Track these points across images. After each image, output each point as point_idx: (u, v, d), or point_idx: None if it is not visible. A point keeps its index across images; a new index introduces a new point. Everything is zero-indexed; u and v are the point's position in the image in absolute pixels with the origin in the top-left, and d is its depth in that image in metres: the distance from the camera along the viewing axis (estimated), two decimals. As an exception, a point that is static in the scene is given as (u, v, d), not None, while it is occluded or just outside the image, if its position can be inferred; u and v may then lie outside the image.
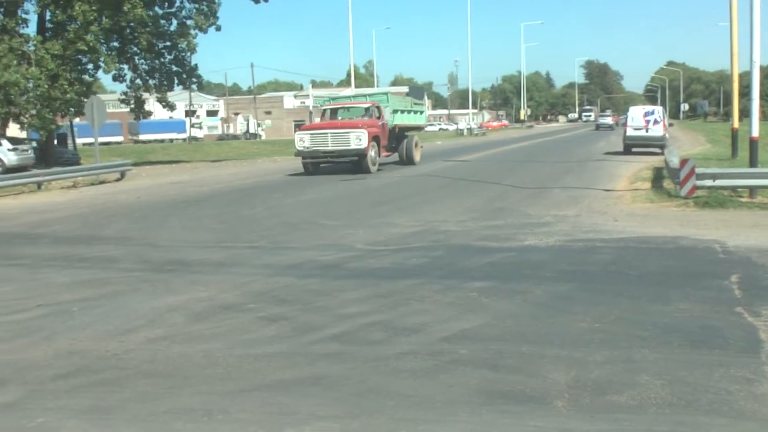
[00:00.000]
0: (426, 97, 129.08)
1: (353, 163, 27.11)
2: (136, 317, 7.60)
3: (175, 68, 38.91)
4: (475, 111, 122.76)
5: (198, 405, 5.15)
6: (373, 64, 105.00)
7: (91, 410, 5.14)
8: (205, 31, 37.49)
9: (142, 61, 38.09)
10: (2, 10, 35.39)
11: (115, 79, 37.97)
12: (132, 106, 39.06)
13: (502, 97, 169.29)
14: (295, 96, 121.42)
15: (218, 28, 38.10)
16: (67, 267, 10.80)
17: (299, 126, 41.15)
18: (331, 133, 26.90)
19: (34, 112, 34.09)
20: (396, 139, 31.03)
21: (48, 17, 36.33)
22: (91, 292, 8.93)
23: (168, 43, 38.08)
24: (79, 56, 35.36)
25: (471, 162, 33.32)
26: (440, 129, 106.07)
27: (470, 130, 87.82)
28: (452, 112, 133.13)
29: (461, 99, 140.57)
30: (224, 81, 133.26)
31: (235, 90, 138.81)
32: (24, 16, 36.45)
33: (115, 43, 36.94)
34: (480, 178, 23.94)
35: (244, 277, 9.43)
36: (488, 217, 14.47)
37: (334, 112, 30.40)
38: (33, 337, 7.00)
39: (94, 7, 32.87)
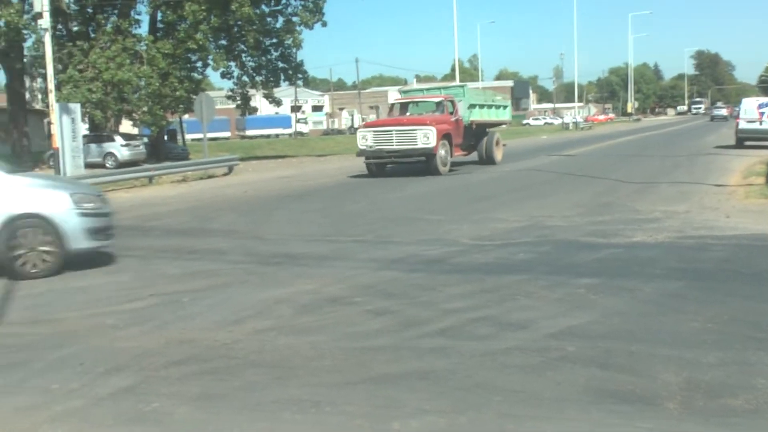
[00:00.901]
0: (531, 91, 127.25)
1: (421, 164, 24.67)
2: (244, 308, 7.74)
3: (281, 65, 39.56)
4: (581, 104, 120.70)
5: (305, 396, 5.20)
6: (477, 58, 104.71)
7: (201, 397, 5.26)
8: (310, 28, 37.96)
9: (249, 58, 38.85)
10: (116, 11, 36.64)
11: (223, 76, 38.86)
12: (239, 102, 39.90)
13: (608, 90, 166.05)
14: (400, 91, 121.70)
15: (324, 24, 38.51)
16: (177, 258, 11.10)
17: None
18: (395, 130, 24.38)
19: (145, 109, 35.24)
20: (474, 136, 28.53)
21: (159, 18, 37.45)
22: (200, 283, 9.16)
23: (274, 40, 38.74)
24: (189, 55, 36.36)
25: (577, 156, 32.76)
26: (545, 123, 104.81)
27: (576, 124, 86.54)
28: (557, 105, 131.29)
29: (567, 92, 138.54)
30: (329, 76, 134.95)
31: (339, 85, 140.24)
32: (136, 17, 37.78)
33: (223, 41, 37.81)
34: (586, 172, 23.51)
35: (349, 271, 9.50)
36: (595, 213, 14.21)
37: (403, 107, 28.04)
38: (146, 326, 7.22)
39: (203, 7, 33.70)
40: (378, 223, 14.04)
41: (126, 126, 41.88)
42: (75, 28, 37.15)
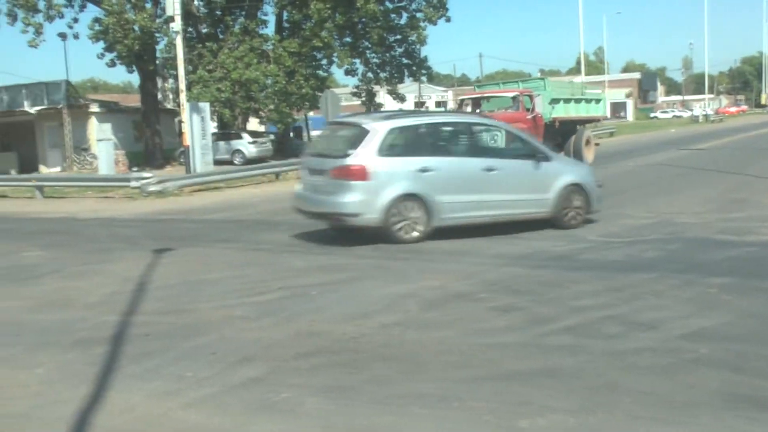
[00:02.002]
0: (658, 83, 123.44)
1: None
2: (371, 302, 7.82)
3: (405, 61, 39.69)
4: (711, 96, 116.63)
5: (433, 391, 5.21)
6: (603, 50, 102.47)
7: (330, 389, 5.33)
8: (434, 23, 37.93)
9: (374, 54, 39.13)
10: (244, 13, 37.61)
11: (347, 73, 39.29)
12: (363, 98, 40.25)
13: (740, 81, 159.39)
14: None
15: (448, 20, 38.38)
16: (305, 252, 11.31)
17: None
18: None
19: (272, 106, 36.07)
20: (559, 134, 25.83)
21: (285, 17, 38.20)
22: (327, 277, 9.30)
23: (398, 37, 38.88)
24: (314, 53, 36.94)
25: (707, 150, 31.66)
26: (674, 116, 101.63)
27: (705, 116, 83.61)
28: (686, 98, 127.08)
29: (696, 84, 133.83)
30: (453, 72, 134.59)
31: (463, 81, 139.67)
32: (263, 17, 38.66)
33: (348, 39, 38.21)
34: (718, 167, 22.72)
35: (475, 267, 9.47)
36: (727, 209, 13.72)
37: (475, 103, 25.77)
38: (276, 318, 7.38)
39: (328, 5, 34.15)
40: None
41: (253, 123, 42.94)
42: (204, 30, 38.31)
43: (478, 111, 24.31)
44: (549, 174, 12.35)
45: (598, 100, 29.37)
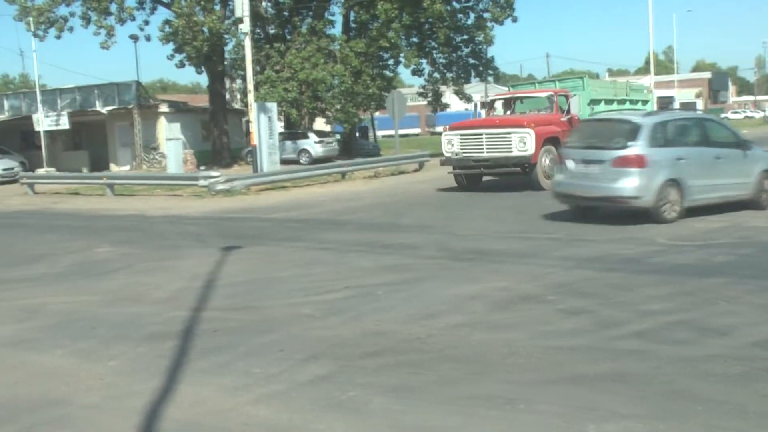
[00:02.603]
0: (730, 83, 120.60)
1: (521, 176, 20.24)
2: (437, 303, 7.81)
3: (471, 61, 39.55)
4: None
5: (500, 393, 5.18)
6: (672, 49, 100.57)
7: (396, 389, 5.34)
8: (501, 24, 37.73)
9: (440, 55, 39.06)
10: (311, 13, 37.89)
11: (414, 73, 39.27)
12: (430, 99, 40.19)
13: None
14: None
15: (514, 20, 38.08)
16: (370, 252, 11.34)
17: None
18: (486, 133, 20.07)
19: (338, 106, 36.24)
20: None
21: (352, 18, 38.33)
22: (394, 277, 9.32)
23: (465, 37, 38.75)
24: (381, 53, 36.99)
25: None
26: (745, 117, 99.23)
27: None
28: (759, 98, 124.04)
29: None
30: (519, 72, 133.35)
31: (530, 81, 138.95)
32: (330, 18, 38.84)
33: (415, 39, 38.19)
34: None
35: (542, 269, 9.38)
36: (804, 214, 13.37)
37: (507, 104, 23.88)
38: (342, 317, 7.42)
39: (395, 6, 34.18)
40: (571, 220, 13.77)
41: (319, 123, 43.22)
42: (272, 31, 38.69)
43: (508, 112, 23.03)
44: (750, 161, 13.95)
45: (645, 101, 27.31)
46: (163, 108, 41.21)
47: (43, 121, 38.02)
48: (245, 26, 27.21)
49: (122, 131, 40.87)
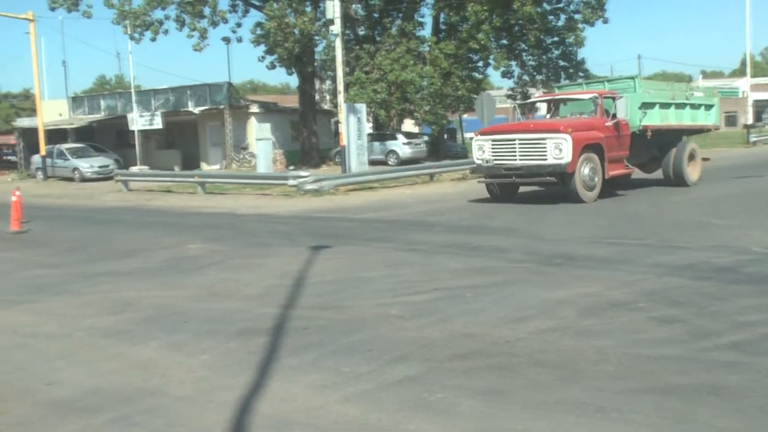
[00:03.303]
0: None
1: (558, 186, 18.58)
2: (526, 307, 7.74)
3: (562, 63, 39.11)
4: None
5: (590, 400, 5.11)
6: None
7: (485, 392, 5.32)
8: (592, 25, 37.22)
9: (530, 57, 38.76)
10: (401, 15, 38.02)
11: (503, 75, 39.08)
12: (519, 101, 39.96)
13: None
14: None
15: (605, 21, 37.51)
16: (458, 254, 11.31)
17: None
18: (519, 139, 18.33)
19: (427, 108, 36.29)
20: (656, 146, 21.21)
21: (442, 19, 38.35)
22: (482, 280, 9.27)
23: (555, 38, 38.37)
24: (470, 55, 36.95)
25: None
26: None
27: None
28: None
29: None
30: (610, 73, 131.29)
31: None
32: (420, 19, 38.95)
33: (504, 41, 38.02)
34: None
35: (632, 275, 9.20)
36: None
37: (551, 106, 21.71)
38: (430, 318, 7.42)
39: (485, 7, 34.06)
40: (661, 226, 13.49)
41: (408, 125, 43.33)
42: (362, 33, 39.00)
43: (547, 116, 21.31)
44: None
45: (709, 106, 23.60)
46: (254, 108, 41.93)
47: (138, 121, 39.15)
48: (336, 28, 27.52)
49: (213, 131, 41.73)
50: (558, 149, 17.42)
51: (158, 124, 39.56)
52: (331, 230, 14.93)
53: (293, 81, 64.22)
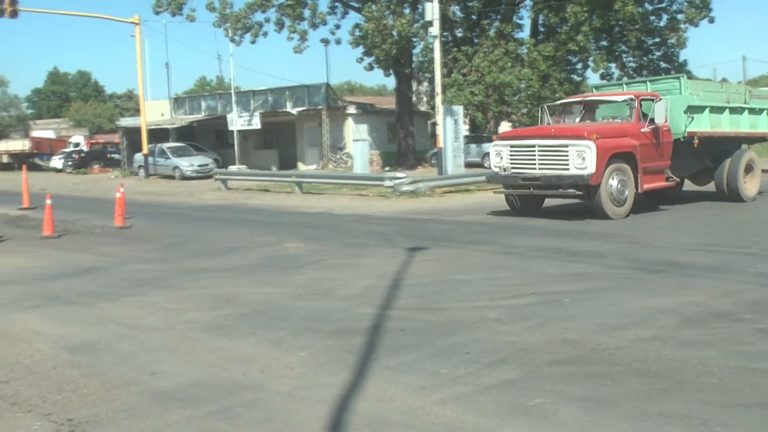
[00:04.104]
0: None
1: (582, 199, 16.68)
2: (625, 314, 7.60)
3: (663, 65, 38.18)
4: None
5: (693, 413, 4.97)
6: None
7: (584, 399, 5.24)
8: (696, 25, 36.10)
9: (630, 58, 37.98)
10: (499, 17, 37.80)
11: (602, 77, 38.30)
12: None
13: None
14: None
15: (711, 21, 36.19)
16: (556, 259, 11.19)
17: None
18: (539, 145, 16.46)
19: (525, 110, 36.00)
20: (707, 155, 18.89)
21: (540, 21, 37.96)
22: (580, 285, 9.15)
23: (657, 39, 37.49)
24: (569, 57, 36.48)
25: None
26: None
27: None
28: None
29: None
30: (713, 76, 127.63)
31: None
32: (518, 21, 38.62)
33: (604, 42, 37.37)
34: None
35: (736, 285, 8.94)
36: None
37: (586, 108, 19.01)
38: (528, 322, 7.36)
39: (585, 8, 33.56)
40: (765, 235, 13.07)
41: (505, 127, 43.03)
42: (460, 35, 38.94)
43: (577, 120, 18.71)
44: None
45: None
46: (351, 109, 42.27)
47: (237, 121, 39.93)
48: (435, 29, 27.54)
49: (311, 131, 42.24)
50: (581, 158, 15.47)
51: (256, 124, 40.26)
52: (428, 232, 14.94)
53: (390, 82, 64.58)
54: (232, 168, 36.75)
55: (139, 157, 41.87)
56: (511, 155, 16.74)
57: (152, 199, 27.02)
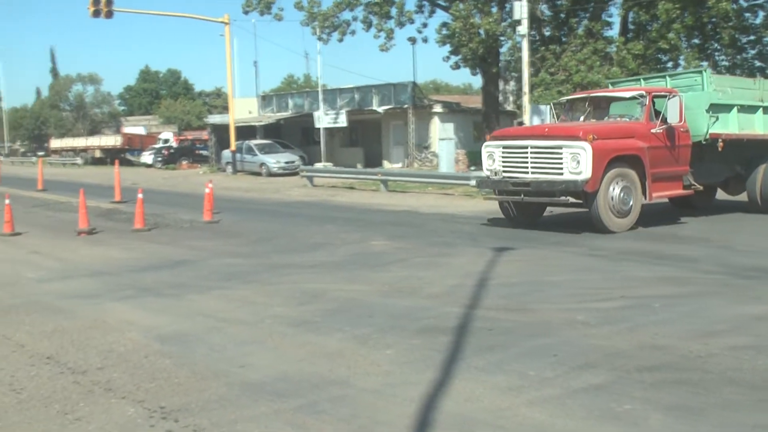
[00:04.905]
0: None
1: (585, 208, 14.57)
2: (718, 321, 7.42)
3: (758, 64, 37.00)
4: None
5: (792, 425, 4.83)
6: None
7: (675, 407, 5.12)
8: (796, 21, 34.88)
9: (723, 57, 36.96)
10: (588, 15, 37.21)
11: (694, 77, 37.39)
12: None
13: None
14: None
15: (815, 15, 34.93)
16: (646, 263, 10.98)
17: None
18: (531, 146, 14.62)
19: (610, 111, 35.28)
20: (737, 161, 16.78)
21: (630, 18, 37.21)
22: (670, 290, 8.96)
23: (752, 37, 36.35)
24: (659, 55, 35.64)
25: None
26: None
27: None
28: None
29: None
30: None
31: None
32: (607, 19, 37.91)
33: (696, 40, 36.41)
34: None
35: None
36: None
37: (597, 106, 16.54)
38: (617, 326, 7.24)
39: (677, 5, 32.77)
40: None
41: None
42: (547, 33, 38.43)
43: (582, 119, 16.33)
44: None
45: None
46: (437, 108, 42.19)
47: (323, 119, 40.27)
48: (523, 28, 27.35)
49: (396, 130, 42.31)
50: (575, 161, 13.64)
51: (342, 122, 40.54)
52: (513, 232, 14.78)
53: (476, 81, 64.23)
54: (318, 165, 37.09)
55: (226, 154, 42.61)
56: (503, 157, 15.02)
57: (239, 195, 27.45)
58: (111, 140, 66.81)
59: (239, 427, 4.95)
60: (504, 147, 15.08)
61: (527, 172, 14.51)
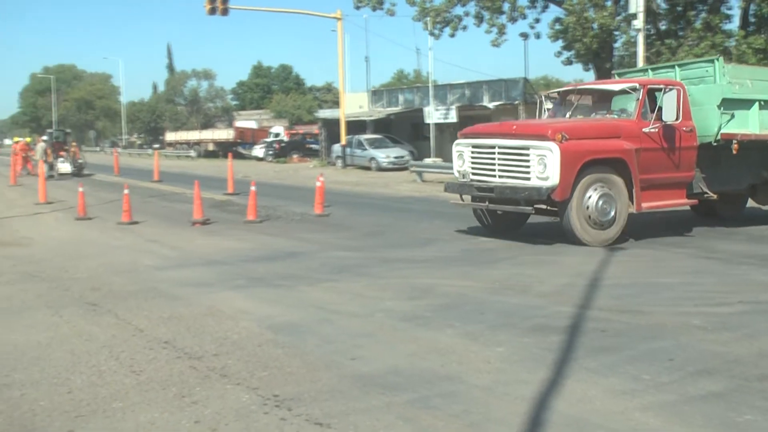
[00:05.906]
0: None
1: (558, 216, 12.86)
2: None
3: None
4: None
5: None
6: None
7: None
8: None
9: None
10: (706, 8, 36.08)
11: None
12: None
13: None
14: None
15: None
16: (764, 266, 10.63)
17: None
18: (498, 146, 12.93)
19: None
20: (761, 165, 14.56)
21: (752, 11, 35.92)
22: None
23: None
24: (782, 50, 34.31)
25: None
26: None
27: None
28: None
29: None
30: None
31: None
32: (727, 12, 36.66)
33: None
34: None
35: None
36: None
37: (600, 98, 14.27)
38: (736, 333, 7.02)
39: (804, -4, 31.49)
40: None
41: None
42: (663, 27, 37.44)
43: (568, 115, 14.28)
44: None
45: None
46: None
47: (433, 114, 40.24)
48: (638, 22, 26.78)
49: (506, 126, 41.92)
50: (542, 164, 11.95)
51: (453, 117, 40.43)
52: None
53: (588, 77, 63.18)
54: (428, 161, 37.08)
55: (336, 148, 43.13)
56: (472, 158, 13.50)
57: (349, 189, 27.74)
58: (224, 134, 68.54)
59: (351, 418, 5.02)
60: (473, 146, 13.57)
61: (494, 176, 12.97)
